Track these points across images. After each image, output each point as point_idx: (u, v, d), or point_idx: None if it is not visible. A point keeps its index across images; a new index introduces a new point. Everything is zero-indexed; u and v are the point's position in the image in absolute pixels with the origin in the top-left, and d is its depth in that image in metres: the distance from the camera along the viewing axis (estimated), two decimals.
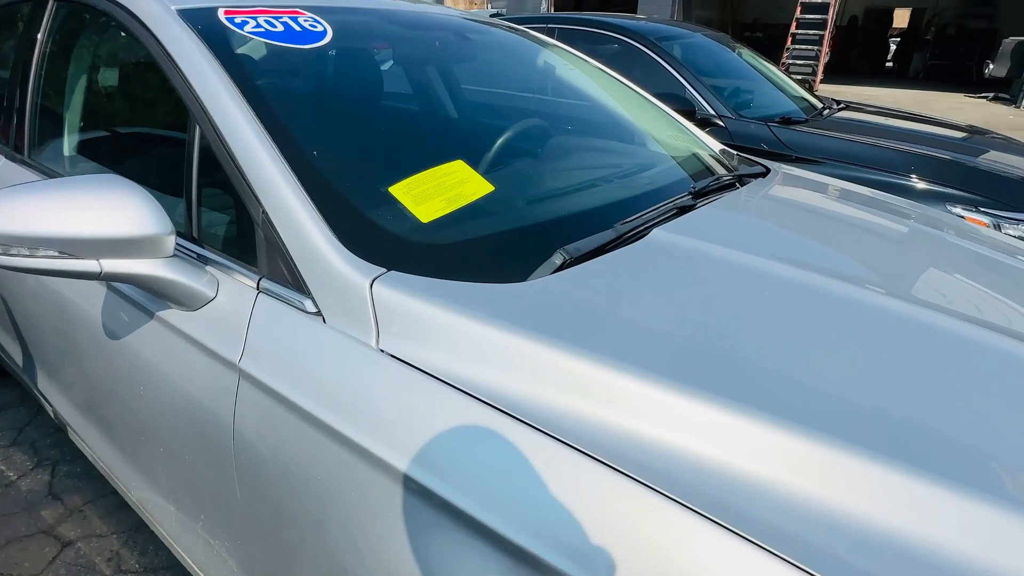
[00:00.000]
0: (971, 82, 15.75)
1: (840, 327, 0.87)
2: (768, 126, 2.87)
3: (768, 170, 1.79)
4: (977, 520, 0.57)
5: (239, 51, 1.16)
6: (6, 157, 1.57)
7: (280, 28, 1.27)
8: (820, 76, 14.18)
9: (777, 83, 3.81)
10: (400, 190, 1.02)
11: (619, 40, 3.28)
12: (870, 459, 0.61)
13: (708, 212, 1.23)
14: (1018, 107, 11.81)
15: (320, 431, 0.79)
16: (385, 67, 1.53)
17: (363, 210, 0.96)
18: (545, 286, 0.88)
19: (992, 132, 3.48)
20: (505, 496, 0.65)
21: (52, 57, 1.55)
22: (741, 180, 1.58)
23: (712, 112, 2.98)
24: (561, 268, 0.93)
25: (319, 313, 0.87)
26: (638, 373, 0.70)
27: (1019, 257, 1.32)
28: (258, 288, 0.94)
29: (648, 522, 0.59)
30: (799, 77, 14.05)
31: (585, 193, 1.23)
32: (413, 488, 0.71)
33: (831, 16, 13.71)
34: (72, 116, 1.53)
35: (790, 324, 0.86)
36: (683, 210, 1.21)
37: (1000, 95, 13.01)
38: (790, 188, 1.59)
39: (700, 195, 1.35)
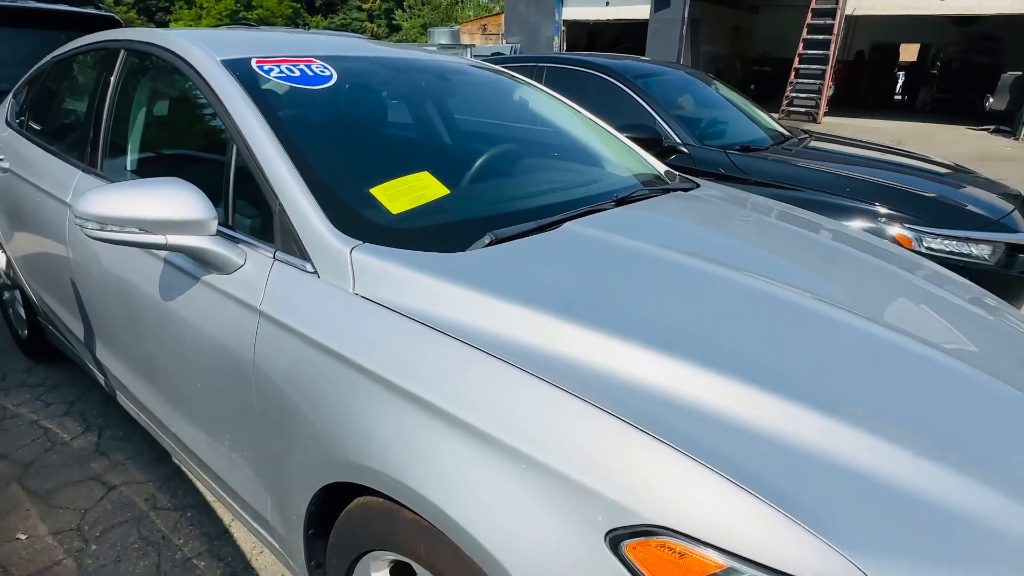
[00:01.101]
0: (977, 115, 16.01)
1: (687, 287, 1.23)
2: (727, 153, 3.25)
3: (697, 185, 2.16)
4: (791, 413, 0.91)
5: (265, 89, 1.57)
6: (83, 171, 1.99)
7: (297, 73, 1.68)
8: (824, 109, 14.59)
9: (749, 115, 4.19)
10: (379, 191, 1.40)
11: (599, 78, 3.70)
12: (700, 366, 0.96)
13: (617, 212, 1.60)
14: (1017, 139, 12.05)
15: (315, 348, 1.16)
16: (390, 101, 1.95)
17: (350, 203, 1.35)
18: (476, 255, 1.25)
19: (975, 173, 3.66)
20: (432, 379, 1.00)
21: (121, 94, 1.98)
22: (668, 191, 1.95)
23: (678, 140, 3.36)
24: (490, 245, 1.30)
25: (315, 271, 1.24)
26: (529, 307, 1.06)
27: (854, 243, 1.67)
28: (274, 258, 1.32)
29: (542, 399, 0.92)
30: (803, 110, 14.48)
31: (521, 196, 1.62)
32: (376, 380, 1.07)
33: (832, 51, 14.14)
34: (134, 139, 1.96)
35: (647, 284, 1.22)
36: (600, 211, 1.58)
37: (1001, 127, 13.27)
38: (700, 198, 1.96)
39: (624, 202, 1.72)
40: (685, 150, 3.33)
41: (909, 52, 22.19)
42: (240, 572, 1.77)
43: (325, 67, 1.76)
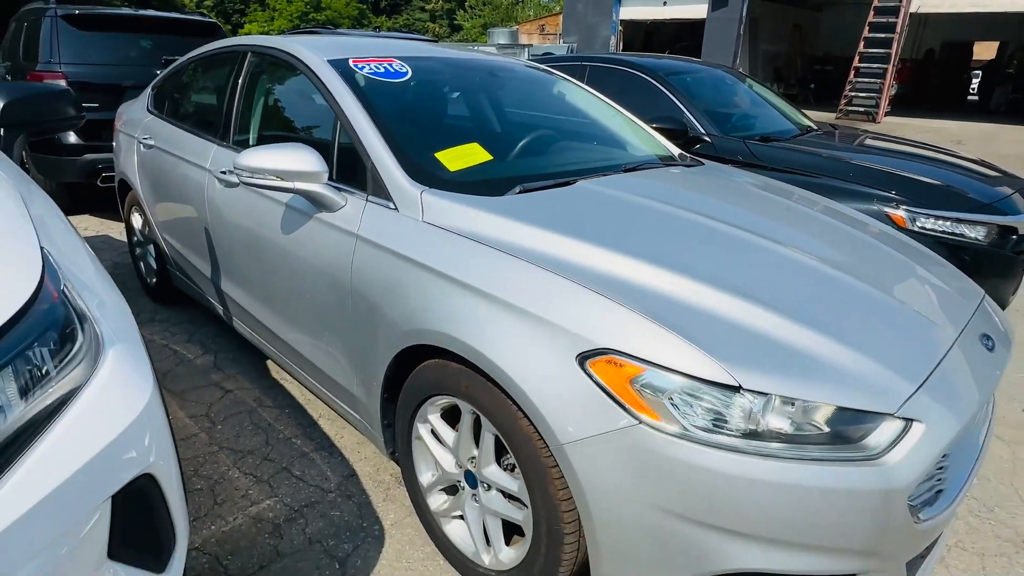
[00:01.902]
0: None
1: (656, 222, 1.69)
2: (745, 142, 3.63)
3: (702, 163, 2.60)
4: (699, 290, 1.38)
5: (359, 81, 2.12)
6: (218, 145, 2.60)
7: (382, 69, 2.22)
8: (884, 108, 14.34)
9: (779, 109, 4.54)
10: (441, 155, 1.93)
11: (635, 75, 4.13)
12: (656, 266, 1.44)
13: (623, 176, 2.07)
14: None
15: (395, 257, 1.69)
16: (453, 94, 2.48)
17: (420, 163, 1.88)
18: (508, 199, 1.76)
19: (995, 166, 3.82)
20: (504, 284, 1.49)
21: (247, 86, 2.58)
22: (672, 166, 2.40)
23: (702, 131, 3.77)
24: (519, 193, 1.80)
25: (396, 208, 1.77)
26: (538, 227, 1.55)
27: (804, 203, 2.08)
28: (367, 200, 1.86)
29: (543, 281, 1.42)
30: (862, 109, 14.26)
31: (548, 164, 2.11)
32: (434, 273, 1.58)
33: (894, 50, 13.89)
34: (256, 120, 2.55)
35: (626, 218, 1.69)
36: (609, 175, 2.06)
37: None
38: (701, 171, 2.39)
39: (633, 170, 2.18)
40: (708, 139, 3.73)
41: (988, 50, 21.28)
42: (327, 447, 2.33)
43: (403, 65, 2.30)
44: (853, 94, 14.55)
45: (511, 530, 1.63)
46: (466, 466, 1.65)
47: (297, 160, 1.84)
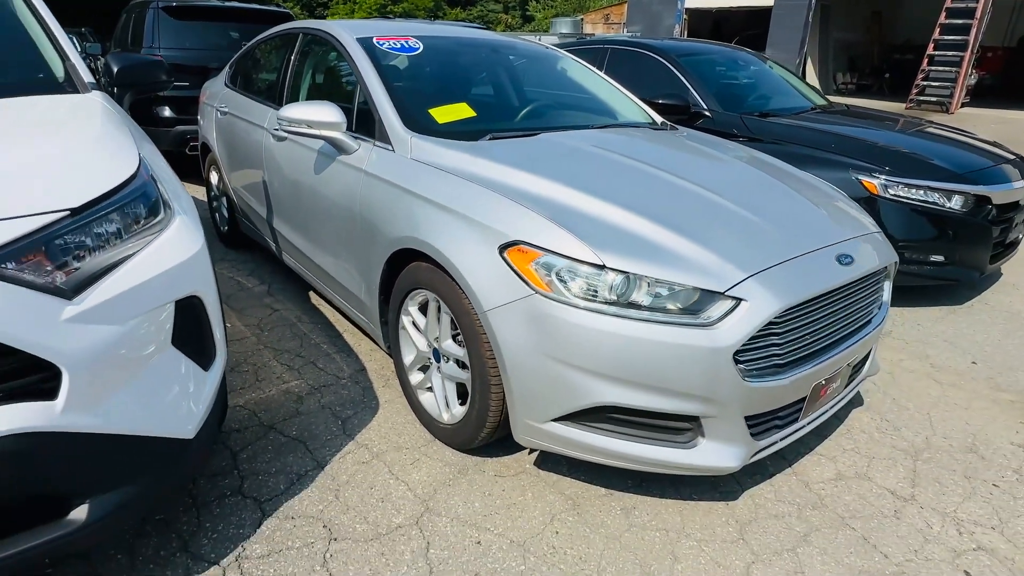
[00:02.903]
0: None
1: (592, 162, 2.13)
2: (741, 117, 3.94)
3: (676, 128, 2.99)
4: (594, 204, 1.84)
5: (378, 53, 2.65)
6: (274, 109, 3.21)
7: (398, 44, 2.75)
8: (959, 99, 13.69)
9: (798, 89, 4.79)
10: (434, 111, 2.43)
11: (649, 56, 4.49)
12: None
13: (583, 132, 2.51)
14: None
15: (389, 185, 2.21)
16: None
17: (416, 116, 2.39)
18: (478, 143, 2.24)
19: (1003, 146, 3.96)
20: (456, 200, 1.99)
21: (298, 60, 3.18)
22: (642, 128, 2.81)
23: (704, 107, 4.10)
24: (489, 139, 2.28)
25: (392, 149, 2.30)
26: (494, 162, 2.03)
27: (734, 155, 2.45)
28: (374, 144, 2.39)
29: (484, 197, 1.91)
30: (934, 99, 13.67)
31: (523, 121, 2.58)
32: (418, 196, 2.09)
33: (973, 37, 13.24)
34: (304, 87, 3.14)
35: (570, 159, 2.14)
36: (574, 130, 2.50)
37: None
38: (662, 133, 2.79)
39: (601, 129, 2.62)
40: (708, 114, 4.06)
41: None
42: (346, 351, 2.90)
43: (417, 42, 2.82)
44: (926, 83, 13.98)
45: (462, 398, 2.13)
46: (433, 344, 2.16)
47: (323, 113, 2.39)
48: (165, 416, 1.48)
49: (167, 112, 5.70)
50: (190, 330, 1.59)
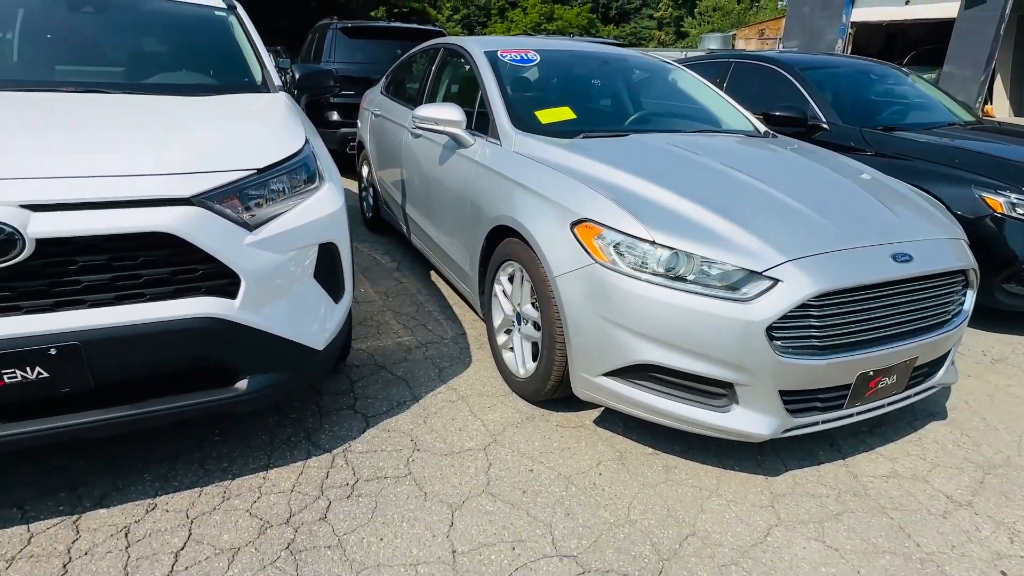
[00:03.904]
0: None
1: (668, 159, 2.39)
2: (861, 131, 3.88)
3: (776, 136, 3.12)
4: (665, 196, 2.13)
5: (501, 64, 3.09)
6: (413, 110, 3.79)
7: (519, 56, 3.17)
8: None
9: (941, 103, 4.57)
10: (539, 113, 2.82)
11: (772, 69, 4.53)
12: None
13: (671, 135, 2.75)
14: None
15: (496, 174, 2.62)
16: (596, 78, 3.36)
17: (523, 116, 2.79)
18: (572, 141, 2.59)
19: None
20: (544, 185, 2.36)
21: (437, 70, 3.73)
22: (736, 134, 2.99)
23: (822, 119, 4.08)
24: (583, 138, 2.62)
25: (500, 144, 2.71)
26: (583, 156, 2.37)
27: (823, 161, 2.54)
28: (487, 140, 2.83)
29: (568, 184, 2.25)
30: None
31: (618, 123, 2.87)
32: (516, 183, 2.48)
33: None
34: (441, 92, 3.68)
35: (655, 158, 2.41)
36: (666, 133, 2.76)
37: None
38: (756, 141, 2.94)
39: (695, 133, 2.85)
40: (826, 127, 4.04)
41: None
42: (453, 318, 3.36)
43: (536, 54, 3.23)
44: None
45: (535, 357, 2.47)
46: (516, 309, 2.53)
47: (447, 112, 2.87)
48: (303, 328, 1.98)
49: (335, 116, 6.67)
50: (326, 269, 2.09)
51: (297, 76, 3.14)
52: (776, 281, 1.84)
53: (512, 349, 2.62)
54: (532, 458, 2.18)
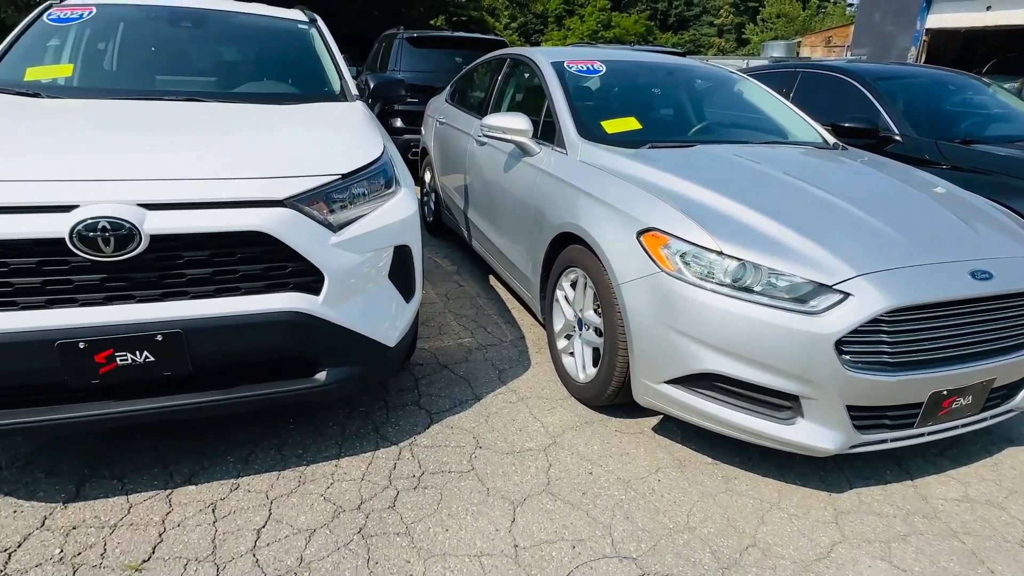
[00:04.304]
0: None
1: (733, 169, 2.39)
2: (936, 143, 3.75)
3: (846, 149, 3.07)
4: (730, 206, 2.15)
5: (567, 75, 3.15)
6: (479, 119, 3.90)
7: (585, 67, 3.23)
8: None
9: (1023, 114, 4.37)
10: (605, 123, 2.87)
11: (843, 80, 4.43)
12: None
13: (735, 146, 2.75)
14: None
15: (558, 181, 2.69)
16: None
17: (589, 126, 2.84)
18: (638, 151, 2.62)
19: None
20: (610, 194, 2.41)
21: (502, 80, 3.83)
22: (805, 146, 2.96)
23: (895, 131, 3.96)
24: (648, 148, 2.65)
25: (566, 153, 2.77)
26: (647, 165, 2.41)
27: (894, 174, 2.48)
28: (552, 148, 2.89)
29: (634, 193, 2.29)
30: None
31: (682, 133, 2.89)
32: (581, 191, 2.53)
33: None
34: (507, 101, 3.78)
35: (714, 167, 2.42)
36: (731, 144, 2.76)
37: None
38: (824, 152, 2.91)
39: (768, 143, 2.84)
40: (899, 139, 3.92)
41: None
42: (511, 322, 3.43)
43: (602, 65, 3.28)
44: None
45: (595, 363, 2.51)
46: (578, 315, 2.58)
47: (515, 121, 2.95)
48: (377, 325, 2.09)
49: (399, 123, 6.88)
50: (400, 270, 2.20)
51: (372, 85, 3.29)
52: (847, 295, 1.82)
53: (572, 354, 2.66)
54: (591, 461, 2.22)
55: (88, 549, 1.74)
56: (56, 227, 1.59)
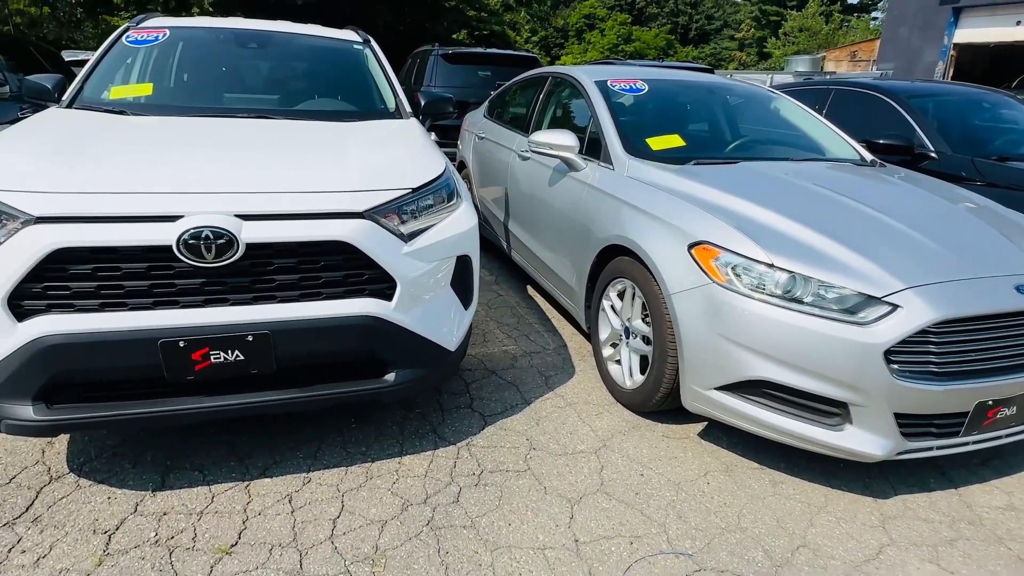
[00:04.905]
0: None
1: (777, 185, 2.49)
2: (972, 160, 3.81)
3: (884, 165, 3.16)
4: (776, 220, 2.25)
5: (611, 93, 3.28)
6: (521, 135, 4.04)
7: (628, 86, 3.36)
8: None
9: None
10: (650, 140, 2.98)
11: (876, 97, 4.50)
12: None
13: (777, 163, 2.85)
14: None
15: (607, 196, 2.80)
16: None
17: (635, 142, 2.96)
18: (684, 167, 2.74)
19: None
20: (659, 208, 2.52)
21: (544, 97, 3.97)
22: (844, 163, 3.05)
23: (930, 148, 4.02)
24: (693, 165, 2.76)
25: (613, 168, 2.89)
26: (694, 181, 2.52)
27: (932, 190, 2.56)
28: (598, 164, 3.01)
29: (682, 207, 2.40)
30: None
31: (725, 150, 2.99)
32: (628, 204, 2.65)
33: None
34: (548, 118, 3.91)
35: (758, 183, 2.52)
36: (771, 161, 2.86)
37: None
38: (862, 169, 2.99)
39: (804, 160, 2.93)
40: (934, 156, 3.98)
41: None
42: (553, 330, 3.54)
43: (644, 83, 3.41)
44: None
45: (642, 370, 2.60)
46: (625, 324, 2.68)
47: (563, 138, 3.08)
48: (440, 330, 2.22)
49: (433, 136, 7.07)
50: (460, 278, 2.33)
51: (423, 102, 3.45)
52: (895, 307, 1.91)
53: (618, 361, 2.76)
54: (642, 463, 2.31)
55: (180, 533, 1.87)
56: (165, 235, 1.75)
